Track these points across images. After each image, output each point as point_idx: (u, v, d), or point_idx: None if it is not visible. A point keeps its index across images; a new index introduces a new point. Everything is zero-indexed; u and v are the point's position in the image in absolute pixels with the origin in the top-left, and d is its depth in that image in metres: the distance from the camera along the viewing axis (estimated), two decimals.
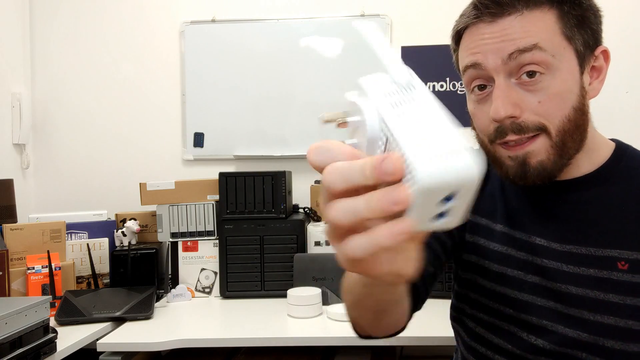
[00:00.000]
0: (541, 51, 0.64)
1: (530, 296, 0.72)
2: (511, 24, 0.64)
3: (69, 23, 2.13)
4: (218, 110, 2.07)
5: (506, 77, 0.65)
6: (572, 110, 0.66)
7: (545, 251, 0.71)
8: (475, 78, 0.69)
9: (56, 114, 2.13)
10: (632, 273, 0.66)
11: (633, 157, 0.73)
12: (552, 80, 0.65)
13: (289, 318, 1.40)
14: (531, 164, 0.66)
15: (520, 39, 0.63)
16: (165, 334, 1.30)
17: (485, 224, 0.77)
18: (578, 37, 0.66)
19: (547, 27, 0.64)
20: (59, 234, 1.56)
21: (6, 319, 1.02)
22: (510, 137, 0.66)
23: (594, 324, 0.67)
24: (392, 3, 2.02)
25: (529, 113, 0.65)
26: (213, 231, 1.70)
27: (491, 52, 0.65)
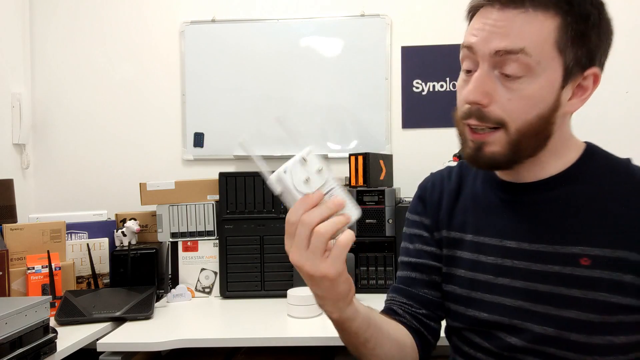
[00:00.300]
0: (526, 56, 0.66)
1: (500, 297, 0.76)
2: (512, 18, 0.66)
3: (68, 23, 2.13)
4: (218, 110, 2.07)
5: (490, 67, 0.69)
6: (537, 118, 0.69)
7: (516, 253, 0.75)
8: (466, 59, 0.72)
9: (56, 114, 2.13)
10: (593, 268, 0.69)
11: (601, 158, 0.76)
12: (529, 84, 0.67)
13: (289, 318, 1.40)
14: (485, 151, 0.71)
15: (511, 39, 0.66)
16: (165, 334, 1.30)
17: (459, 237, 0.83)
18: (570, 51, 0.67)
19: (542, 33, 0.66)
20: (59, 234, 1.56)
21: (6, 319, 1.02)
22: (471, 121, 0.71)
23: (558, 318, 0.70)
24: (392, 3, 2.02)
25: (496, 106, 0.69)
26: (213, 231, 1.71)
27: (484, 40, 0.68)
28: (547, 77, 0.67)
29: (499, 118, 0.69)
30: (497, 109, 0.69)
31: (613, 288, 0.68)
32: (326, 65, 2.04)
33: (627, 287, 0.67)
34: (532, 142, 0.71)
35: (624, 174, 0.73)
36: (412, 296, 0.87)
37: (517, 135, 0.69)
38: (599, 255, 0.69)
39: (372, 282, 1.65)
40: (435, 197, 0.88)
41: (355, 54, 2.02)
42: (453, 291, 0.83)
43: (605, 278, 0.68)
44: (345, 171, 1.85)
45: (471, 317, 0.79)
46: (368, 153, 1.73)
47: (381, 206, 1.67)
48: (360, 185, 1.73)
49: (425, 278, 0.87)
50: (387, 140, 2.02)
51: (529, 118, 0.68)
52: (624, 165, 0.74)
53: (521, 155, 0.71)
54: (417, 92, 2.01)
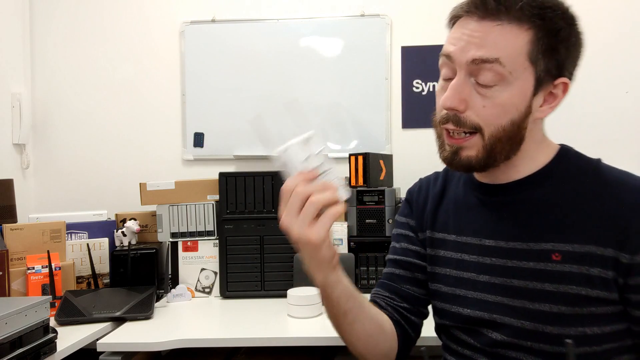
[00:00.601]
0: (500, 66, 0.70)
1: (482, 294, 0.80)
2: (489, 30, 0.71)
3: (68, 23, 2.13)
4: (218, 110, 2.07)
5: (467, 75, 0.73)
6: (510, 124, 0.73)
7: (493, 250, 0.80)
8: (444, 66, 0.77)
9: (56, 114, 2.13)
10: (563, 263, 0.73)
11: (572, 159, 0.80)
12: (502, 92, 0.72)
13: (289, 318, 1.40)
14: (461, 155, 0.76)
15: (487, 49, 0.70)
16: (165, 334, 1.30)
17: (442, 237, 0.88)
18: (541, 63, 0.72)
19: (516, 45, 0.71)
20: (59, 234, 1.56)
21: (6, 319, 1.02)
22: (449, 126, 0.76)
23: (533, 312, 0.74)
24: (392, 3, 2.02)
25: (472, 112, 0.73)
26: (213, 231, 1.70)
27: (461, 50, 0.72)
28: (519, 86, 0.72)
29: (475, 123, 0.73)
30: (473, 115, 0.73)
31: (582, 281, 0.72)
32: (326, 65, 2.04)
33: (594, 280, 0.71)
34: (505, 147, 0.75)
35: (592, 174, 0.77)
36: (395, 291, 0.92)
37: (491, 140, 0.74)
38: (569, 251, 0.73)
39: (372, 282, 1.65)
40: (421, 200, 0.94)
41: (355, 54, 2.02)
42: (439, 289, 0.87)
43: (575, 272, 0.72)
44: (345, 171, 1.85)
45: (455, 314, 0.83)
46: (368, 153, 1.73)
47: (381, 206, 1.67)
48: (360, 185, 1.73)
49: (409, 275, 0.92)
50: (387, 140, 2.02)
51: (502, 124, 0.73)
52: (594, 165, 0.78)
53: (496, 158, 0.75)
54: (417, 92, 2.01)
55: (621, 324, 0.73)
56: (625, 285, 0.71)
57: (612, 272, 0.71)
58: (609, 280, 0.71)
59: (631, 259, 0.70)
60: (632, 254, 0.70)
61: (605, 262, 0.71)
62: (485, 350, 0.80)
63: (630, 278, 0.71)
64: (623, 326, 0.73)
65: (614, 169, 0.78)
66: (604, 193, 0.74)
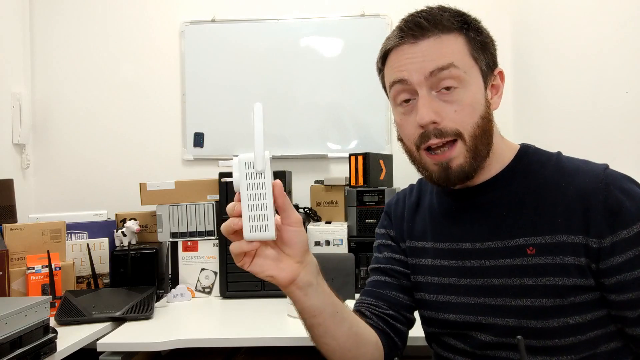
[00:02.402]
0: (456, 69, 0.76)
1: (465, 297, 0.81)
2: (430, 46, 0.77)
3: (69, 23, 2.13)
4: (218, 110, 2.07)
5: (428, 90, 0.77)
6: (480, 119, 0.77)
7: (471, 253, 0.81)
8: (402, 92, 0.80)
9: (56, 114, 2.13)
10: (539, 256, 0.75)
11: (533, 155, 0.83)
12: (465, 93, 0.76)
13: (289, 318, 1.40)
14: (453, 167, 0.77)
15: (439, 59, 0.76)
16: (165, 334, 1.30)
17: (421, 245, 0.89)
18: (482, 58, 0.79)
19: (459, 49, 0.77)
20: (59, 234, 1.56)
21: (6, 319, 1.02)
22: (432, 141, 0.77)
23: (516, 308, 0.76)
24: (392, 3, 2.02)
25: (448, 120, 0.76)
26: (213, 231, 1.70)
27: (415, 70, 0.77)
28: (475, 83, 0.78)
29: (454, 130, 0.76)
30: (450, 123, 0.76)
31: (558, 272, 0.73)
32: (326, 65, 2.04)
33: (569, 269, 0.73)
34: (484, 141, 0.78)
35: (552, 166, 0.80)
36: (381, 297, 0.92)
37: (472, 140, 0.77)
38: (542, 243, 0.75)
39: None
40: (399, 211, 0.96)
41: (355, 54, 2.02)
42: (423, 298, 0.88)
43: (550, 263, 0.74)
44: (345, 171, 1.85)
45: (442, 321, 0.84)
46: (368, 153, 1.73)
47: (381, 206, 1.67)
48: (360, 185, 1.73)
49: (394, 282, 0.92)
50: (387, 140, 2.02)
51: (475, 121, 0.77)
52: (554, 157, 0.81)
53: (481, 157, 0.78)
54: None
55: (601, 310, 0.74)
56: (598, 270, 0.73)
57: (584, 258, 0.73)
58: (583, 267, 0.73)
59: (599, 242, 0.72)
60: (600, 238, 0.72)
61: (577, 250, 0.73)
62: (475, 354, 0.81)
63: (601, 262, 0.72)
64: (603, 312, 0.74)
65: (573, 159, 0.81)
66: (563, 182, 0.77)
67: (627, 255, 0.71)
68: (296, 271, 0.73)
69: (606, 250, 0.72)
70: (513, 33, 1.97)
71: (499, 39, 0.86)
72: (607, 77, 1.63)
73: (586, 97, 1.73)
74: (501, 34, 2.21)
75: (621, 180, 0.74)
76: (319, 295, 0.76)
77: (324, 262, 1.58)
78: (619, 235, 0.71)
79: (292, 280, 0.73)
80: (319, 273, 0.78)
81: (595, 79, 1.77)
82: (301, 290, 0.74)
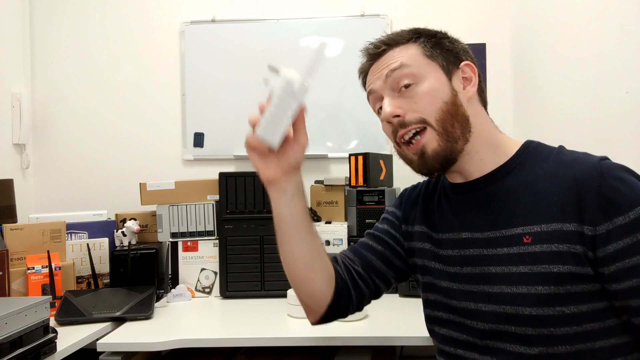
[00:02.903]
0: (407, 67, 0.84)
1: (467, 285, 0.84)
2: (384, 60, 0.88)
3: (69, 23, 2.13)
4: (218, 110, 2.07)
5: (390, 91, 0.86)
6: (444, 104, 0.83)
7: (471, 242, 0.85)
8: (375, 101, 0.91)
9: (56, 114, 2.13)
10: (534, 244, 0.77)
11: (536, 149, 0.85)
12: (421, 86, 0.84)
13: (289, 318, 1.40)
14: (428, 152, 0.83)
15: (392, 63, 0.86)
16: (165, 334, 1.30)
17: (430, 234, 0.94)
18: (438, 55, 0.86)
19: (410, 53, 0.86)
20: (59, 234, 1.56)
21: (6, 319, 1.02)
22: (400, 133, 0.85)
23: (512, 296, 0.78)
24: (392, 3, 2.02)
25: (410, 113, 0.83)
26: (213, 231, 1.71)
27: (377, 78, 0.88)
28: (433, 77, 0.84)
29: (418, 117, 0.83)
30: (412, 114, 0.83)
31: (553, 259, 0.75)
32: (326, 65, 2.04)
33: (565, 256, 0.74)
34: (455, 124, 0.83)
35: (554, 158, 0.82)
36: (359, 255, 0.99)
37: (439, 124, 0.82)
38: (538, 231, 0.77)
39: None
40: (413, 197, 1.02)
41: (355, 54, 2.01)
42: (431, 282, 0.92)
43: (546, 251, 0.76)
44: (345, 171, 1.85)
45: (446, 305, 0.88)
46: (368, 153, 1.73)
47: (381, 206, 1.67)
48: (360, 185, 1.73)
49: (380, 249, 0.99)
50: (387, 140, 2.02)
51: (438, 106, 0.82)
52: (556, 151, 0.84)
53: (456, 139, 0.83)
54: None
55: (599, 302, 0.74)
56: (595, 259, 0.73)
57: (580, 246, 0.73)
58: (579, 254, 0.73)
59: (594, 230, 0.72)
60: (594, 225, 0.72)
61: (572, 237, 0.74)
62: (475, 344, 0.83)
63: (598, 250, 0.72)
64: (603, 305, 0.74)
65: (573, 152, 0.82)
66: (561, 172, 0.78)
67: (625, 242, 0.71)
68: (278, 175, 0.87)
69: (602, 237, 0.72)
70: (513, 33, 1.97)
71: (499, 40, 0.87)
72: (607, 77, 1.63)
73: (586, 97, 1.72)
74: (501, 34, 2.22)
75: (616, 169, 0.75)
76: (288, 205, 0.89)
77: None
78: (615, 222, 0.71)
79: (271, 180, 0.88)
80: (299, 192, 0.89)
81: (595, 79, 1.77)
82: (276, 194, 0.89)
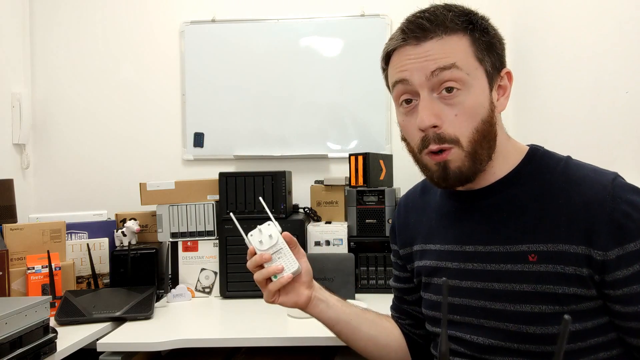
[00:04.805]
0: (458, 70, 0.74)
1: (467, 299, 0.82)
2: (433, 46, 0.76)
3: (68, 23, 2.13)
4: (218, 110, 2.07)
5: (429, 91, 0.76)
6: (481, 123, 0.76)
7: (473, 256, 0.81)
8: (403, 93, 0.80)
9: (56, 113, 2.13)
10: (540, 263, 0.74)
11: (542, 158, 0.81)
12: (467, 95, 0.75)
13: (289, 318, 1.40)
14: (451, 168, 0.77)
15: (441, 59, 0.75)
16: (165, 334, 1.30)
17: (427, 247, 0.91)
18: (487, 59, 0.77)
19: (462, 50, 0.76)
20: (59, 234, 1.56)
21: (6, 319, 1.02)
22: (432, 147, 0.77)
23: (515, 314, 0.76)
24: (392, 3, 2.02)
25: (448, 125, 0.75)
26: (213, 231, 1.71)
27: (416, 70, 0.76)
28: (479, 85, 0.76)
29: (452, 136, 0.75)
30: (449, 128, 0.75)
31: (559, 280, 0.73)
32: (326, 65, 2.04)
33: (570, 279, 0.72)
34: (485, 146, 0.77)
35: (560, 171, 0.78)
36: (398, 310, 1.05)
37: (471, 145, 0.76)
38: (544, 251, 0.74)
39: (372, 282, 1.65)
40: (402, 219, 0.99)
41: (355, 54, 2.02)
42: (430, 298, 0.90)
43: (551, 272, 0.73)
44: (345, 171, 1.85)
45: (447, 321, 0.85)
46: (368, 153, 1.73)
47: (381, 206, 1.67)
48: (360, 185, 1.73)
49: (403, 297, 1.03)
50: (387, 140, 2.02)
51: (475, 125, 0.76)
52: (562, 162, 0.80)
53: (481, 161, 0.78)
54: None
55: (603, 317, 0.74)
56: (602, 281, 0.72)
57: (586, 269, 0.72)
58: (584, 277, 0.72)
59: (604, 255, 0.70)
60: (605, 250, 0.70)
61: (579, 260, 0.72)
62: (474, 357, 0.81)
63: (607, 275, 0.71)
64: (605, 320, 0.74)
65: (582, 165, 0.79)
66: (570, 190, 0.75)
67: (635, 268, 0.70)
68: (310, 294, 0.93)
69: (612, 263, 0.70)
70: (513, 33, 1.97)
71: None
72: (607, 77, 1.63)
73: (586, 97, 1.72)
74: (501, 34, 2.22)
75: (628, 191, 0.73)
76: (330, 308, 0.95)
77: (324, 262, 1.59)
78: (626, 249, 0.70)
79: (308, 301, 0.93)
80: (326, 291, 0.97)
81: (595, 79, 1.77)
82: (317, 307, 0.94)
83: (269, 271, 0.91)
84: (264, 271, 0.91)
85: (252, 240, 0.96)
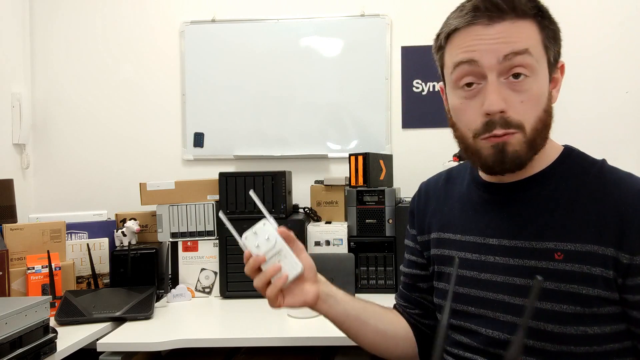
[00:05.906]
0: (530, 56, 0.72)
1: (484, 292, 0.81)
2: (506, 28, 0.73)
3: (68, 23, 2.13)
4: (218, 110, 2.07)
5: (498, 75, 0.73)
6: (543, 112, 0.75)
7: (497, 249, 0.80)
8: (467, 74, 0.75)
9: (56, 114, 2.13)
10: (566, 262, 0.74)
11: (576, 158, 0.81)
12: (534, 83, 0.73)
13: (289, 318, 1.40)
14: (508, 151, 0.74)
15: (515, 43, 0.72)
16: (165, 334, 1.30)
17: (447, 237, 0.89)
18: (552, 49, 0.76)
19: (534, 36, 0.74)
20: (59, 234, 1.56)
21: (6, 319, 1.02)
22: (497, 132, 0.73)
23: (535, 310, 0.74)
24: (392, 3, 2.02)
25: (513, 111, 0.73)
26: (213, 231, 1.71)
27: (488, 51, 0.72)
28: (543, 74, 0.75)
29: (518, 122, 0.73)
30: (514, 114, 0.73)
31: (584, 280, 0.72)
32: (326, 65, 2.04)
33: (596, 280, 0.72)
34: (543, 136, 0.76)
35: (595, 174, 0.77)
36: (407, 298, 1.01)
37: (533, 133, 0.74)
38: (571, 250, 0.73)
39: (372, 282, 1.65)
40: (422, 204, 0.98)
41: (355, 54, 2.02)
42: (444, 288, 0.89)
43: (577, 271, 0.73)
44: (345, 171, 1.85)
45: (460, 312, 0.84)
46: (368, 153, 1.73)
47: (381, 206, 1.67)
48: (360, 185, 1.73)
49: (414, 283, 1.00)
50: (387, 140, 2.02)
51: (539, 114, 0.74)
52: (598, 165, 0.79)
53: (537, 150, 0.76)
54: (417, 92, 2.01)
55: (622, 324, 0.73)
56: (623, 285, 0.71)
57: (612, 271, 0.71)
58: (610, 279, 0.71)
59: (631, 259, 0.70)
60: (632, 254, 0.70)
61: (606, 262, 0.71)
62: (487, 351, 0.80)
63: (629, 278, 0.71)
64: (623, 327, 0.73)
65: (618, 170, 0.78)
66: (605, 192, 0.74)
67: None
68: (317, 289, 0.87)
69: (636, 267, 0.70)
70: None
71: None
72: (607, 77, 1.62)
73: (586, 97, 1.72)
74: None
75: None
76: (339, 303, 0.90)
77: (324, 262, 1.59)
78: None
79: (317, 298, 0.87)
80: (331, 285, 0.91)
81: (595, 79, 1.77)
82: (325, 303, 0.88)
83: (266, 275, 0.84)
84: (262, 276, 0.84)
85: (247, 243, 0.90)
